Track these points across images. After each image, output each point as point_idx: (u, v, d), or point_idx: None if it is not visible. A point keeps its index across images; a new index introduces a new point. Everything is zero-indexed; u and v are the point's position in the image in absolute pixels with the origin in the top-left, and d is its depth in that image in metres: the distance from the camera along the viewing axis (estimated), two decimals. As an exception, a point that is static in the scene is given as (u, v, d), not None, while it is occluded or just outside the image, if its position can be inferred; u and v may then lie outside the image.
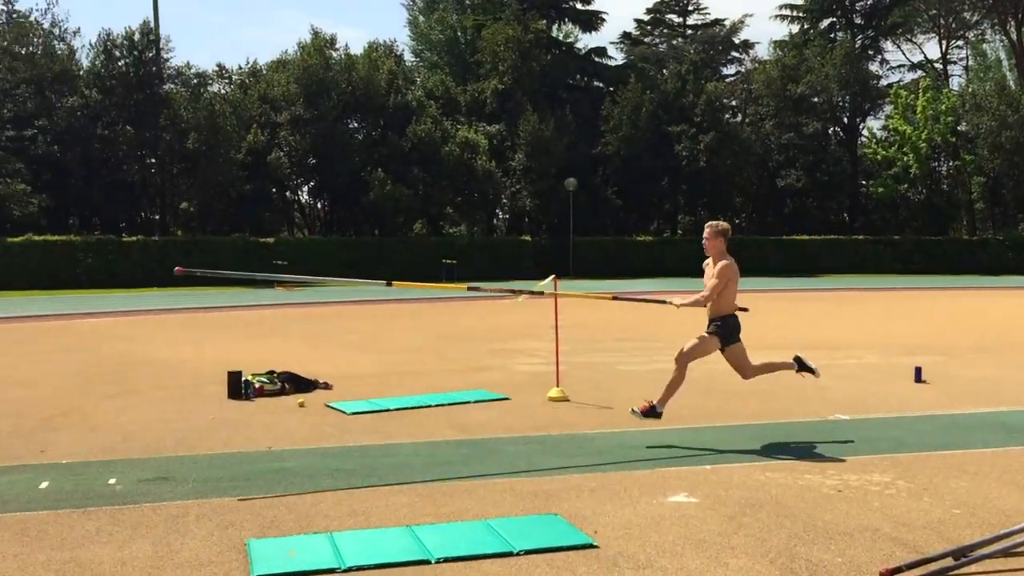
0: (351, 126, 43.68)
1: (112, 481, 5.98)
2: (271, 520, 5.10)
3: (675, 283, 30.68)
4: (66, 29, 41.16)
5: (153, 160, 40.55)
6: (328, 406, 8.81)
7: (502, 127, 46.83)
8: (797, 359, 7.63)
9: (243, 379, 9.46)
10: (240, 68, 46.73)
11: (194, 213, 42.54)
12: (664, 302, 7.87)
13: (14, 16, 40.77)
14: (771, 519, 5.07)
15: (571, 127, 45.88)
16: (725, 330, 7.22)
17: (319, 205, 49.23)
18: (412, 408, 8.69)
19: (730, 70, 60.41)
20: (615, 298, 9.01)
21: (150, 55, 39.60)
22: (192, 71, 42.06)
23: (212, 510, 5.29)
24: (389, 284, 8.26)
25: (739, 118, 52.95)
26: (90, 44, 41.42)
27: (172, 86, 41.04)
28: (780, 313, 20.02)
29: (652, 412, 7.17)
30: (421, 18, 59.92)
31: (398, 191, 40.56)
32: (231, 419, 8.19)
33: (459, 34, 56.46)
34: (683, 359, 7.20)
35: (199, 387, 10.07)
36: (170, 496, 5.61)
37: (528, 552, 4.53)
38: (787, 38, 55.22)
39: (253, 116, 41.55)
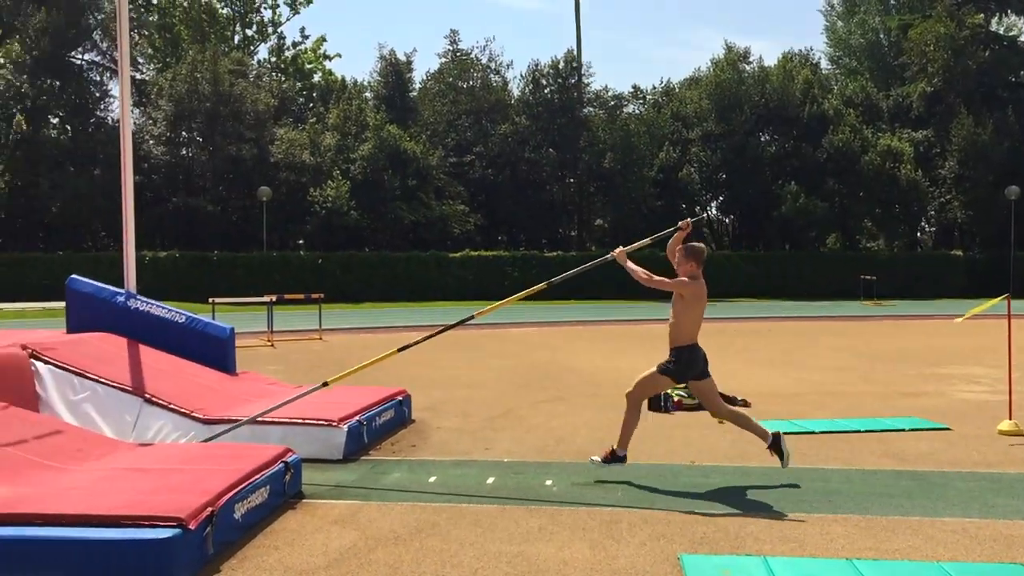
0: (763, 139, 42.95)
1: (548, 482, 6.34)
2: (701, 536, 5.06)
3: None
4: (501, 63, 45.32)
5: (572, 180, 43.19)
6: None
7: (930, 133, 43.23)
8: (775, 437, 6.40)
9: (663, 392, 9.59)
10: (654, 88, 48.13)
11: (608, 229, 44.49)
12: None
13: (458, 55, 45.70)
14: None
15: (1013, 129, 41.05)
16: (680, 366, 6.34)
17: (727, 220, 49.00)
18: (839, 432, 8.22)
19: None
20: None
21: (572, 81, 42.26)
22: (609, 94, 44.15)
23: (643, 519, 5.39)
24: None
25: None
26: (520, 75, 45.12)
27: (591, 109, 43.40)
28: None
29: (615, 458, 6.42)
30: (839, 23, 57.29)
31: (812, 204, 39.14)
32: (652, 431, 8.34)
33: (881, 36, 53.19)
34: (632, 398, 6.47)
35: (618, 396, 10.39)
36: (603, 501, 5.81)
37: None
38: None
39: (665, 134, 42.55)
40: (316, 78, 54.24)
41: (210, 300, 18.74)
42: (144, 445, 6.43)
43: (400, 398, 8.80)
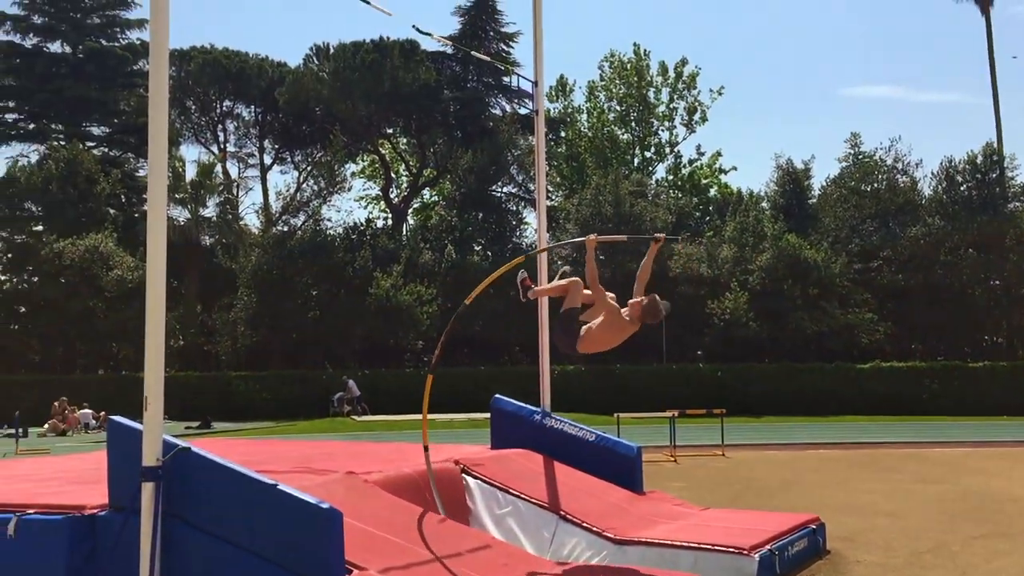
0: None
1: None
2: None
3: None
4: (908, 162, 42.78)
5: (998, 282, 39.06)
6: None
7: None
8: None
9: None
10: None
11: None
12: None
13: (860, 157, 44.01)
14: None
15: None
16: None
17: None
18: None
19: None
20: None
21: (994, 176, 38.74)
22: (1041, 185, 39.69)
23: None
24: None
25: None
26: (931, 173, 42.20)
27: (1018, 204, 39.31)
28: None
29: None
30: None
31: None
32: None
33: None
34: None
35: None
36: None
37: None
38: None
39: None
40: (712, 192, 55.16)
41: (615, 414, 19.34)
42: (560, 564, 6.68)
43: (813, 526, 8.32)
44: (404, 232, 48.38)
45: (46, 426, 29.44)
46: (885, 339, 38.49)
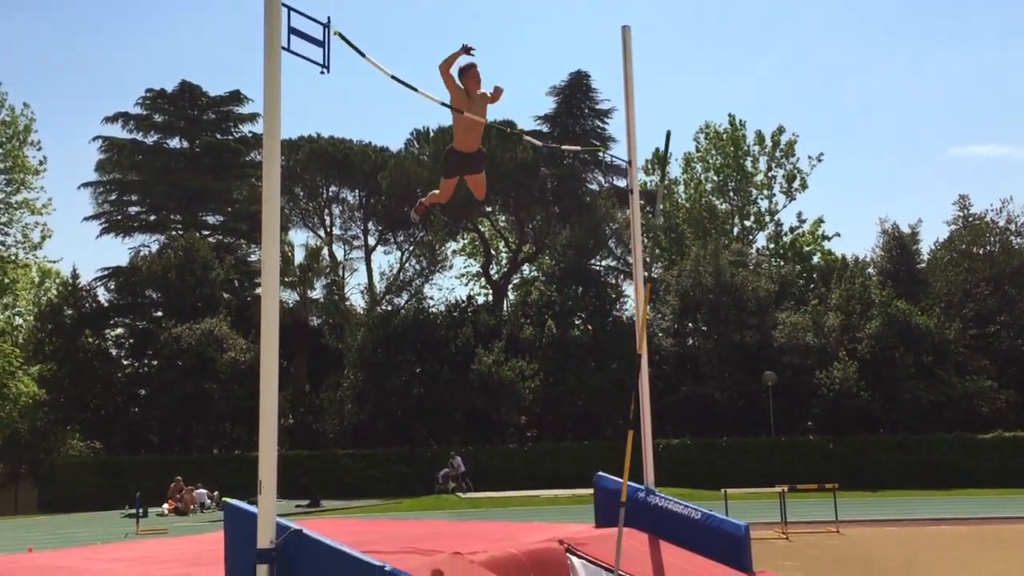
0: None
1: None
2: None
3: None
4: (1021, 223, 41.33)
5: None
6: None
7: None
8: None
9: None
10: None
11: None
12: None
13: (970, 219, 42.69)
14: None
15: None
16: None
17: None
18: None
19: None
20: None
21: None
22: None
23: None
24: None
25: None
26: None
27: None
28: None
29: None
30: None
31: None
32: None
33: None
34: None
35: None
36: None
37: None
38: None
39: None
40: (815, 259, 54.07)
41: (722, 490, 18.94)
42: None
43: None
44: (505, 308, 48.87)
45: (164, 506, 30.45)
46: (1007, 407, 36.71)
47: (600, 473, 10.12)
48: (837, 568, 11.91)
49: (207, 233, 51.36)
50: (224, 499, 7.81)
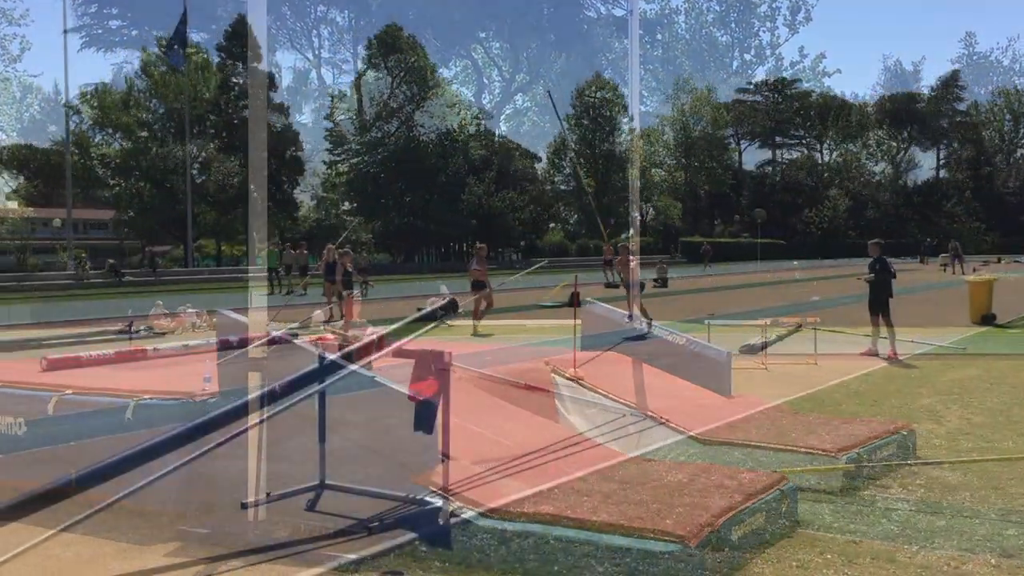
0: None
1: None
2: None
3: None
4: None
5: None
6: None
7: None
8: None
9: None
10: None
11: None
12: None
13: (974, 58, 41.68)
14: None
15: None
16: None
17: None
18: None
19: None
20: None
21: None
22: None
23: None
24: None
25: None
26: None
27: None
28: None
29: None
30: None
31: None
32: None
33: None
34: None
35: None
36: None
37: None
38: None
39: None
40: (813, 96, 53.15)
41: (706, 321, 19.19)
42: (646, 460, 6.83)
43: (904, 432, 8.25)
44: (496, 138, 48.28)
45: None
46: (993, 249, 37.14)
47: (588, 299, 10.24)
48: (810, 391, 12.26)
49: (191, 51, 49.84)
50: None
